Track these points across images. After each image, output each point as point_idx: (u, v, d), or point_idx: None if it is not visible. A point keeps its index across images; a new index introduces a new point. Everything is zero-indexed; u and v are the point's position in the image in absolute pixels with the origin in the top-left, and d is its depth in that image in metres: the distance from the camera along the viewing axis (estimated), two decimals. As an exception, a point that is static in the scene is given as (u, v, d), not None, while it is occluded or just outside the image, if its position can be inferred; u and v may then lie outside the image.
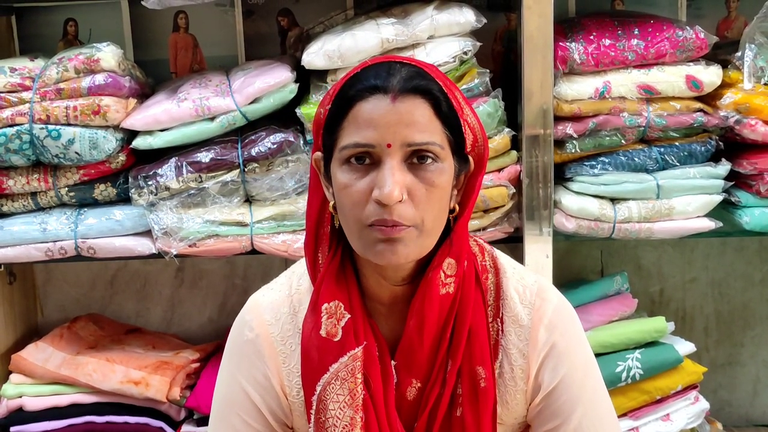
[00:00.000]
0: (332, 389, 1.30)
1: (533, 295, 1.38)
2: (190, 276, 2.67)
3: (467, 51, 2.09)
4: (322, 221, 1.36)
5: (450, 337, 1.32)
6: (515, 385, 1.37)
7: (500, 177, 2.10)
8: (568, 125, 2.09)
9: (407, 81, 1.23)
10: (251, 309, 1.43)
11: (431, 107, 1.24)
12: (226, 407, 1.41)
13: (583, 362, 1.39)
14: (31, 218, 2.20)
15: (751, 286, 2.67)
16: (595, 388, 1.39)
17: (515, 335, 1.37)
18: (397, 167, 1.21)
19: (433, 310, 1.31)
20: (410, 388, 1.34)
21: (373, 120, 1.22)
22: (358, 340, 1.31)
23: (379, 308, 1.37)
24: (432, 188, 1.24)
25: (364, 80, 1.24)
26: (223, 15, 2.50)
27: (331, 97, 1.29)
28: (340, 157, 1.25)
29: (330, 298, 1.32)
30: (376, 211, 1.22)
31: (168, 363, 2.33)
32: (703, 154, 2.15)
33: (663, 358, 2.19)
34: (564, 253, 2.55)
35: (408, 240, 1.23)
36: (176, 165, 2.13)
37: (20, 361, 2.31)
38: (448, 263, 1.32)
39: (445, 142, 1.25)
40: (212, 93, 2.14)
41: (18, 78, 2.14)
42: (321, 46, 2.07)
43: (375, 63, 1.28)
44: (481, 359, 1.33)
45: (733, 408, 2.73)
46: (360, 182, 1.23)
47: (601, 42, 2.10)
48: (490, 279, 1.39)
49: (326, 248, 1.35)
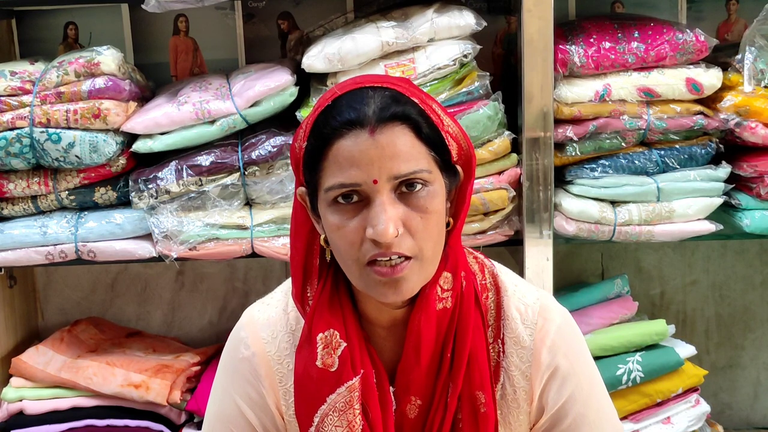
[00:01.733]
0: (330, 421, 1.27)
1: (535, 315, 1.34)
2: (190, 279, 2.67)
3: (467, 54, 2.08)
4: (311, 254, 1.32)
5: (451, 358, 1.30)
6: (518, 406, 1.35)
7: (500, 180, 2.10)
8: (569, 128, 2.09)
9: (383, 110, 1.17)
10: (247, 325, 1.40)
11: (412, 132, 1.19)
12: (220, 423, 1.39)
13: (588, 381, 1.36)
14: (31, 222, 2.20)
15: (752, 289, 2.67)
16: (600, 405, 1.37)
17: (517, 357, 1.34)
18: (388, 202, 1.17)
19: (430, 327, 1.28)
20: (410, 406, 1.31)
21: (354, 158, 1.16)
22: (355, 369, 1.28)
23: (379, 332, 1.34)
24: (426, 215, 1.20)
25: (338, 115, 1.18)
26: (223, 18, 2.50)
27: (305, 132, 1.24)
28: (327, 198, 1.20)
29: (325, 327, 1.28)
30: (373, 249, 1.18)
31: (168, 366, 2.33)
32: (703, 157, 2.15)
33: (663, 361, 2.19)
34: (564, 256, 2.55)
35: (410, 276, 1.20)
36: (176, 168, 2.13)
37: (21, 365, 2.31)
38: (444, 277, 1.29)
39: (432, 164, 1.21)
40: (212, 96, 2.15)
41: (18, 81, 2.14)
42: (321, 49, 2.07)
43: (346, 92, 1.21)
44: (481, 384, 1.30)
45: (734, 411, 2.73)
46: (351, 222, 1.19)
47: (601, 45, 2.10)
48: (490, 298, 1.35)
49: (315, 281, 1.31)
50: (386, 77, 1.28)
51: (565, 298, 2.28)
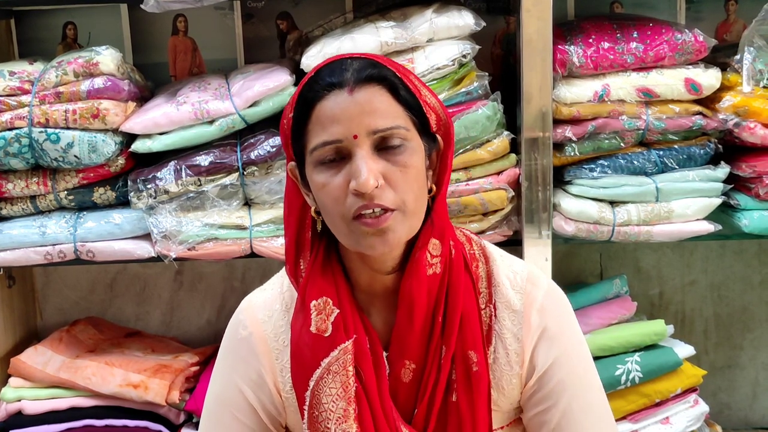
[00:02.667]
0: (324, 383, 1.31)
1: (524, 281, 1.40)
2: (189, 279, 2.67)
3: (466, 54, 2.09)
4: (303, 228, 1.38)
5: (442, 322, 1.34)
6: (511, 369, 1.39)
7: (499, 180, 2.10)
8: (567, 128, 2.10)
9: (360, 72, 1.26)
10: (244, 309, 1.46)
11: (389, 92, 1.27)
12: (219, 405, 1.45)
13: (575, 346, 1.42)
14: (30, 222, 2.20)
15: (750, 289, 2.67)
16: (586, 371, 1.42)
17: (509, 320, 1.39)
18: (368, 156, 1.24)
19: (421, 291, 1.33)
20: (404, 370, 1.35)
21: (335, 115, 1.24)
22: (348, 333, 1.33)
23: (373, 300, 1.39)
24: (406, 169, 1.26)
25: (320, 80, 1.27)
26: (222, 18, 2.50)
27: (292, 105, 1.32)
28: (312, 160, 1.28)
29: (318, 295, 1.34)
30: (357, 202, 1.24)
31: (167, 366, 2.33)
32: (702, 157, 2.15)
33: (662, 361, 2.19)
34: (563, 256, 2.55)
35: (395, 226, 1.26)
36: (175, 168, 2.13)
37: (19, 365, 2.31)
38: (433, 243, 1.34)
39: (409, 123, 1.28)
40: (211, 96, 2.15)
41: (17, 81, 2.14)
42: (320, 49, 2.07)
43: (327, 62, 1.30)
44: (473, 344, 1.35)
45: (733, 411, 2.73)
46: (336, 178, 1.26)
47: (600, 45, 2.11)
48: (480, 267, 1.41)
49: (308, 253, 1.38)
50: (365, 53, 1.36)
51: (564, 299, 2.28)
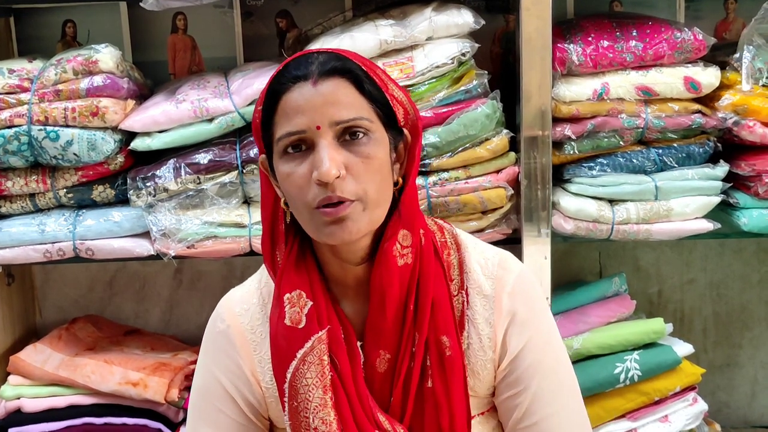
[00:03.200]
0: (301, 374, 1.33)
1: (495, 267, 1.43)
2: (188, 277, 2.67)
3: (465, 52, 2.09)
4: (276, 220, 1.41)
5: (414, 309, 1.36)
6: (485, 354, 1.41)
7: (498, 178, 2.10)
8: (567, 127, 2.09)
9: (325, 64, 1.28)
10: (223, 303, 1.51)
11: (353, 85, 1.29)
12: (202, 398, 1.47)
13: (546, 330, 1.43)
14: (29, 219, 2.20)
15: (750, 288, 2.67)
16: (557, 356, 1.43)
17: (480, 305, 1.41)
18: (330, 146, 1.26)
19: (392, 282, 1.34)
20: (379, 360, 1.36)
21: (300, 106, 1.27)
22: (321, 324, 1.35)
23: (345, 292, 1.41)
24: (368, 160, 1.28)
25: (286, 73, 1.30)
26: (221, 16, 2.50)
27: (262, 98, 1.34)
28: (278, 150, 1.30)
29: (291, 288, 1.36)
30: (319, 192, 1.26)
31: (166, 364, 2.33)
32: (701, 156, 2.15)
33: (661, 360, 2.19)
34: (562, 254, 2.55)
35: (354, 215, 1.28)
36: (174, 166, 2.13)
37: (18, 363, 2.31)
38: (403, 234, 1.36)
39: (373, 116, 1.30)
40: (211, 94, 2.15)
41: (16, 79, 2.14)
42: (319, 47, 2.07)
43: (295, 57, 1.33)
44: (446, 329, 1.36)
45: (732, 409, 2.74)
46: (299, 168, 1.28)
47: (599, 43, 2.11)
48: (453, 255, 1.43)
49: (282, 245, 1.40)
50: (334, 48, 1.38)
51: (563, 297, 2.29)
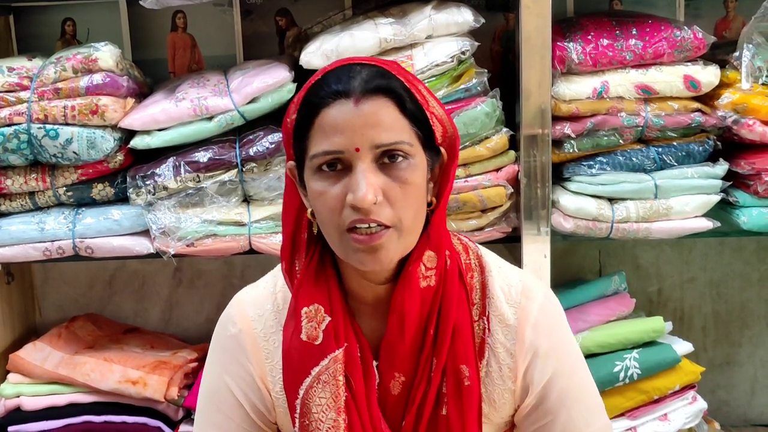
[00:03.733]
0: (314, 392, 1.30)
1: (518, 294, 1.37)
2: (188, 276, 2.67)
3: (465, 51, 2.08)
4: (299, 228, 1.36)
5: (434, 334, 1.32)
6: (503, 384, 1.37)
7: (498, 177, 2.10)
8: (566, 125, 2.09)
9: (368, 82, 1.22)
10: (235, 305, 1.44)
11: (395, 105, 1.23)
12: (209, 403, 1.43)
13: (571, 359, 1.40)
14: (29, 218, 2.20)
15: (749, 286, 2.67)
16: (583, 382, 1.40)
17: (502, 334, 1.36)
18: (369, 170, 1.21)
19: (414, 304, 1.31)
20: (394, 382, 1.33)
21: (339, 126, 1.21)
22: (338, 342, 1.31)
23: (363, 308, 1.37)
24: (406, 186, 1.23)
25: (326, 86, 1.24)
26: (221, 15, 2.50)
27: (296, 105, 1.29)
28: (312, 166, 1.25)
29: (309, 302, 1.32)
30: (353, 214, 1.21)
31: (166, 363, 2.33)
32: (700, 154, 2.15)
33: (661, 358, 2.19)
34: (562, 252, 2.55)
35: (388, 244, 1.23)
36: (174, 165, 2.13)
37: (18, 361, 2.31)
38: (428, 256, 1.32)
39: (413, 138, 1.24)
40: (210, 93, 2.14)
41: (16, 78, 2.14)
42: (319, 45, 2.07)
43: (335, 67, 1.27)
44: (465, 358, 1.32)
45: (731, 408, 2.74)
46: (333, 188, 1.23)
47: (599, 42, 2.10)
48: (475, 278, 1.38)
49: (303, 255, 1.35)
50: (376, 58, 1.32)
51: (563, 295, 2.28)
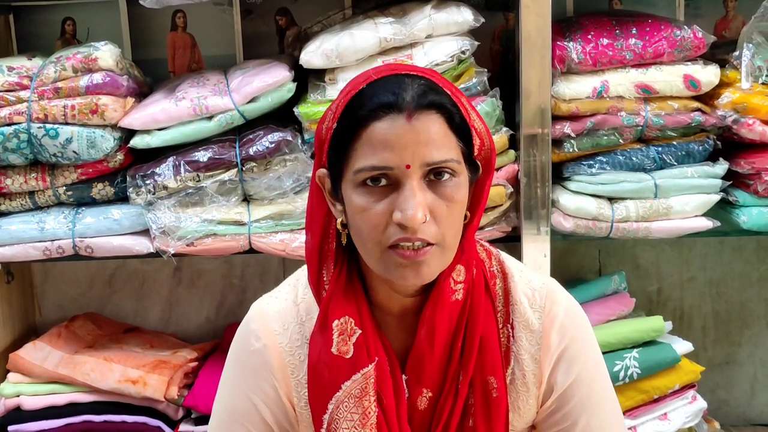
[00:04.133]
0: (345, 408, 1.27)
1: (543, 299, 1.36)
2: (188, 275, 2.67)
3: (465, 50, 2.08)
4: (327, 238, 1.31)
5: (461, 347, 1.31)
6: (527, 390, 1.36)
7: (498, 176, 2.10)
8: (566, 124, 2.09)
9: (422, 97, 1.19)
10: (256, 318, 1.39)
11: (445, 121, 1.20)
12: (231, 417, 1.38)
13: (594, 363, 1.39)
14: (28, 217, 2.19)
15: (749, 286, 2.67)
16: (604, 388, 1.40)
17: (526, 340, 1.35)
18: (418, 187, 1.18)
19: (443, 318, 1.29)
20: (421, 398, 1.32)
21: (390, 141, 1.17)
22: (370, 356, 1.28)
23: (389, 320, 1.34)
24: (452, 204, 1.21)
25: (375, 97, 1.19)
26: (221, 14, 2.50)
27: (335, 113, 1.24)
28: (355, 180, 1.20)
29: (341, 314, 1.29)
30: (398, 232, 1.18)
31: (166, 362, 2.33)
32: (700, 154, 2.15)
33: (660, 358, 2.19)
34: (562, 252, 2.55)
35: (431, 260, 1.21)
36: (174, 164, 2.13)
37: (18, 360, 2.31)
38: (457, 270, 1.31)
39: (460, 155, 1.22)
40: (210, 92, 2.14)
41: (16, 77, 2.14)
42: (319, 45, 2.07)
43: (382, 77, 1.23)
44: (493, 369, 1.31)
45: (731, 407, 2.74)
46: (379, 205, 1.20)
47: (599, 41, 2.10)
48: (498, 284, 1.37)
49: (331, 264, 1.31)
50: (417, 67, 1.29)
51: (563, 295, 2.28)
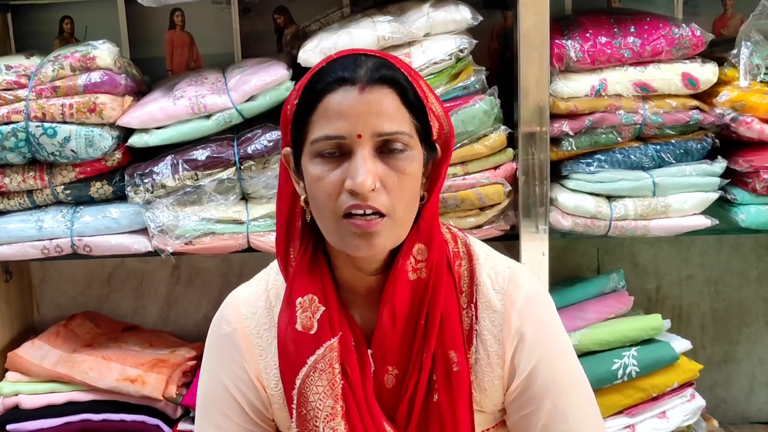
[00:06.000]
0: (311, 381, 1.31)
1: (505, 281, 1.39)
2: (186, 274, 2.67)
3: (463, 49, 2.08)
4: (294, 216, 1.37)
5: (425, 324, 1.34)
6: (492, 371, 1.38)
7: (496, 174, 2.10)
8: (564, 123, 2.10)
9: (374, 71, 1.24)
10: (228, 304, 1.45)
11: (398, 96, 1.25)
12: (207, 403, 1.44)
13: (558, 349, 1.40)
14: (27, 216, 2.19)
15: (747, 284, 2.68)
16: (570, 375, 1.40)
17: (489, 321, 1.38)
18: (369, 157, 1.23)
19: (404, 297, 1.33)
20: (387, 376, 1.35)
21: (343, 111, 1.23)
22: (333, 331, 1.32)
23: (355, 299, 1.38)
24: (403, 176, 1.25)
25: (332, 72, 1.25)
26: (219, 13, 2.50)
27: (297, 92, 1.30)
28: (311, 151, 1.26)
29: (304, 292, 1.34)
30: (349, 200, 1.23)
31: (164, 361, 2.33)
32: (699, 152, 2.15)
33: (659, 356, 2.20)
34: (560, 250, 2.55)
35: (383, 232, 1.25)
36: (172, 163, 2.13)
37: (16, 359, 2.31)
38: (418, 248, 1.34)
39: (413, 130, 1.27)
40: (208, 91, 2.14)
41: (14, 76, 2.14)
42: (317, 43, 2.07)
43: (340, 56, 1.29)
44: (453, 344, 1.34)
45: (729, 405, 2.74)
46: (332, 174, 1.25)
47: (597, 39, 2.11)
48: (463, 266, 1.40)
49: (297, 243, 1.37)
50: (379, 52, 1.34)
51: (561, 293, 2.28)
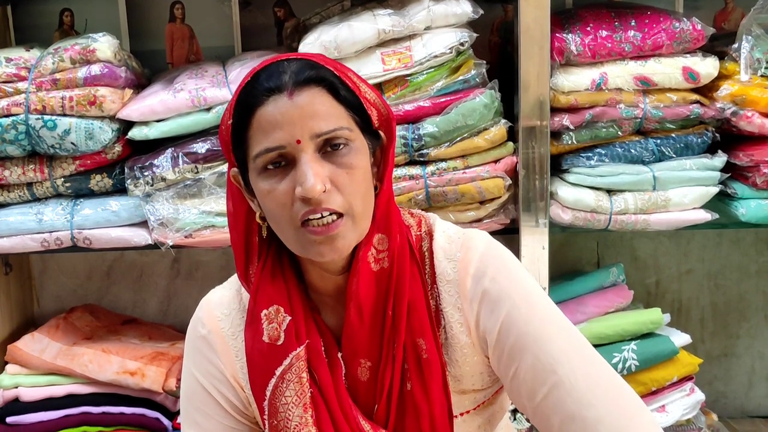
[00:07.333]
0: (279, 392, 1.31)
1: (458, 248, 1.35)
2: (186, 267, 2.67)
3: (464, 42, 2.08)
4: (250, 233, 1.37)
5: (393, 314, 1.32)
6: (459, 342, 1.34)
7: (496, 168, 2.10)
8: (565, 116, 2.09)
9: (299, 74, 1.23)
10: (203, 306, 1.46)
11: (329, 93, 1.24)
12: (189, 402, 1.44)
13: (525, 299, 1.30)
14: (26, 209, 2.19)
15: (747, 278, 2.68)
16: (543, 322, 1.29)
17: (446, 292, 1.35)
18: (313, 160, 1.21)
19: (368, 289, 1.31)
20: (361, 369, 1.33)
21: (277, 121, 1.21)
22: (299, 339, 1.32)
23: (326, 300, 1.37)
24: (352, 171, 1.24)
25: (258, 85, 1.24)
26: (219, 6, 2.50)
27: (230, 111, 1.29)
28: (256, 167, 1.24)
29: (269, 304, 1.33)
30: (303, 207, 1.21)
31: (164, 354, 2.33)
32: (699, 146, 2.15)
33: (658, 350, 2.20)
34: (560, 244, 2.55)
35: (345, 232, 1.24)
36: (172, 156, 2.13)
37: (16, 352, 2.32)
38: (378, 238, 1.32)
39: (351, 123, 1.25)
40: (208, 83, 2.14)
41: (14, 68, 2.14)
42: (317, 37, 2.07)
43: (264, 65, 1.27)
44: (421, 331, 1.32)
45: (729, 399, 2.74)
46: (281, 184, 1.23)
47: (597, 33, 2.10)
48: (425, 246, 1.38)
49: (255, 258, 1.37)
50: (301, 53, 1.33)
51: (561, 287, 2.29)
